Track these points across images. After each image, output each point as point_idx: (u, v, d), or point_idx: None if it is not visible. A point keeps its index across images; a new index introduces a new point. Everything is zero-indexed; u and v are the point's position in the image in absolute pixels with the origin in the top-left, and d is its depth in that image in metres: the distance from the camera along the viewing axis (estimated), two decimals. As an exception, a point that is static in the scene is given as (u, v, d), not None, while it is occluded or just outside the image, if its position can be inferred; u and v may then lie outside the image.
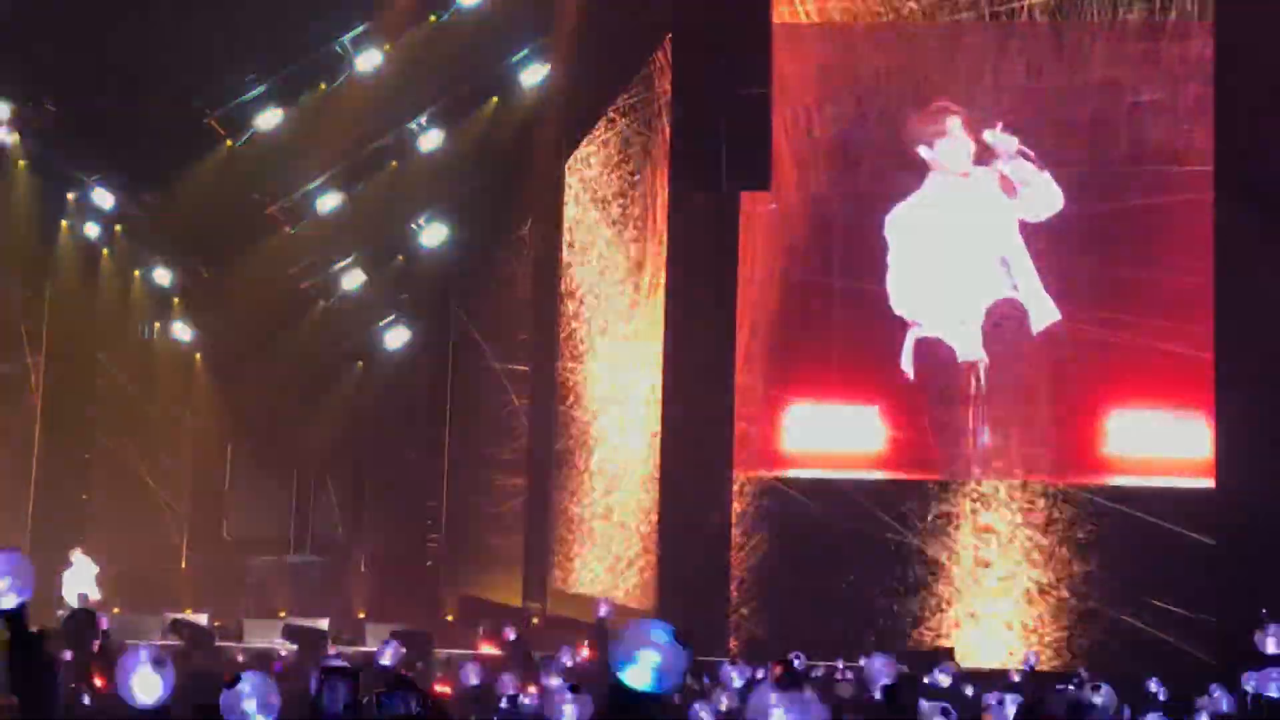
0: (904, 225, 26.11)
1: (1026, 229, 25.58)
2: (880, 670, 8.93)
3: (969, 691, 15.20)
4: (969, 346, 25.68)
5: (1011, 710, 9.76)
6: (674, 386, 25.41)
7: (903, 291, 25.98)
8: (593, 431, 26.57)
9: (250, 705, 5.73)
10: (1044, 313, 25.39)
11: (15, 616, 4.96)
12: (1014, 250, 25.76)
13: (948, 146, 25.94)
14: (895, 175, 26.02)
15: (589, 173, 26.86)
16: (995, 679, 18.14)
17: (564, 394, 26.79)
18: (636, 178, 26.54)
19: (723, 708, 11.04)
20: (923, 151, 25.85)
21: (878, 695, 8.82)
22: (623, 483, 26.19)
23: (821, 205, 26.08)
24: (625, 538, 26.03)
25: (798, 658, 17.03)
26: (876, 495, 24.99)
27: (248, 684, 5.76)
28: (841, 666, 18.83)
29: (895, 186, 26.00)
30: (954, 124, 25.90)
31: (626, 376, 26.40)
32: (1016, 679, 18.48)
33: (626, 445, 26.24)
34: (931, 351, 25.70)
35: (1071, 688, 11.61)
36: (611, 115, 26.80)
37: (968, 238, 25.97)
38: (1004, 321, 25.67)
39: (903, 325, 25.61)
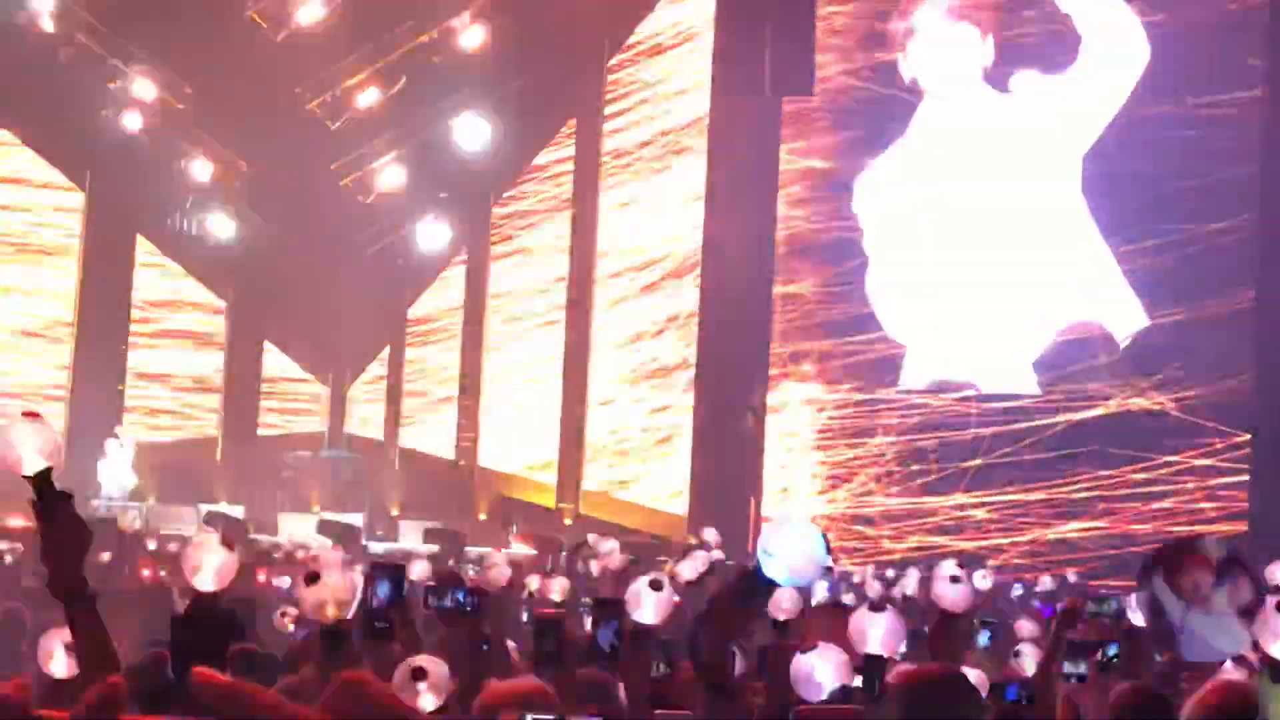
0: (880, 193, 24.09)
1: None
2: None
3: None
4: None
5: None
6: (713, 293, 25.39)
7: (891, 304, 24.01)
8: (629, 329, 26.54)
9: None
10: (1128, 320, 23.23)
11: (42, 480, 4.87)
12: (1074, 220, 23.03)
13: (924, 47, 23.75)
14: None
15: (631, 72, 26.71)
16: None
17: (600, 295, 26.77)
18: (678, 78, 26.37)
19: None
20: (902, 68, 23.85)
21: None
22: (656, 386, 26.19)
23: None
24: (657, 439, 26.07)
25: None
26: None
27: None
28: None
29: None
30: (927, 9, 23.97)
31: (664, 281, 26.34)
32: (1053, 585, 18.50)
33: (659, 349, 26.22)
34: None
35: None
36: (655, 15, 26.61)
37: (991, 204, 23.35)
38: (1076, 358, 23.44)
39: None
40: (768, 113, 25.37)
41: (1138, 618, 7.31)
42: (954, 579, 7.57)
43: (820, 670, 6.29)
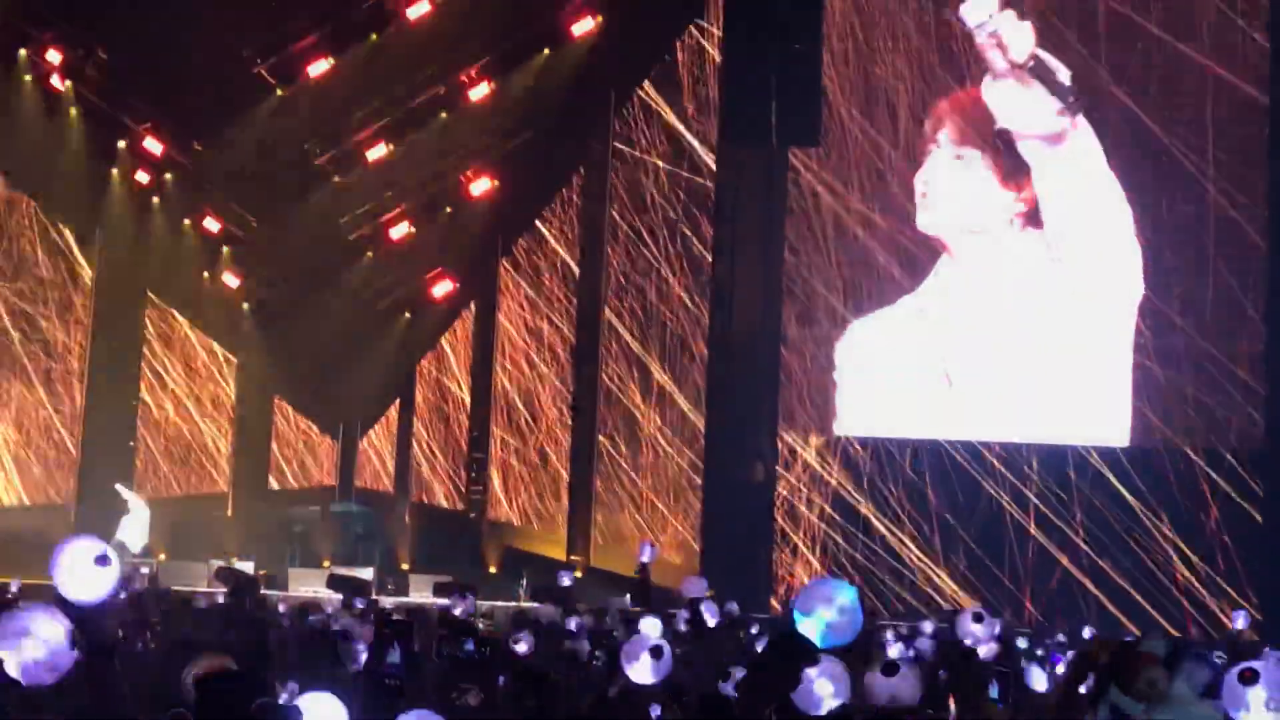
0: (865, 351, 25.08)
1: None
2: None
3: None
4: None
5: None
6: (720, 342, 25.43)
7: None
8: (636, 384, 26.57)
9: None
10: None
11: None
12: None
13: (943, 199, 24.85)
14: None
15: (637, 126, 26.79)
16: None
17: (607, 348, 26.80)
18: (685, 131, 26.46)
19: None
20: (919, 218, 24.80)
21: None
22: (668, 437, 26.20)
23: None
24: (669, 492, 26.06)
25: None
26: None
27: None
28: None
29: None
30: (944, 138, 24.84)
31: (671, 331, 26.38)
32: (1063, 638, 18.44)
33: (671, 399, 26.23)
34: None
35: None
36: (661, 68, 26.71)
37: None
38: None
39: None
40: (775, 164, 25.44)
41: None
42: (977, 616, 7.64)
43: (820, 685, 6.27)
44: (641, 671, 6.58)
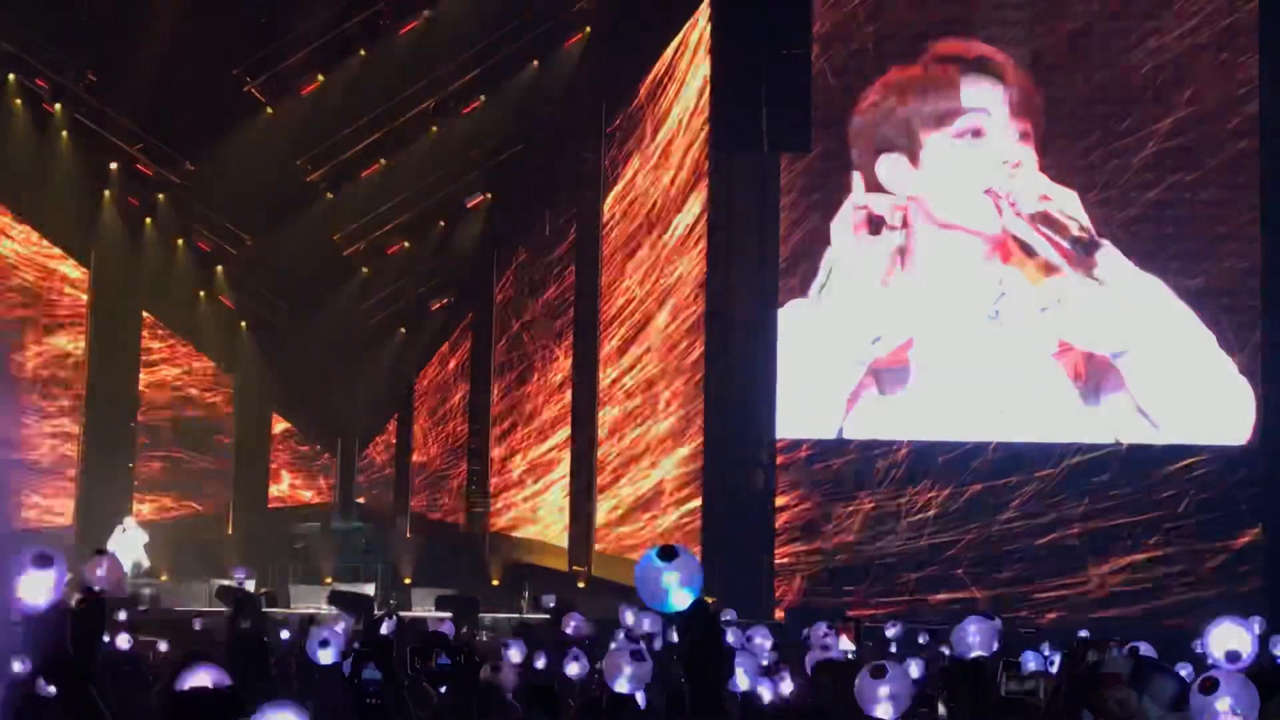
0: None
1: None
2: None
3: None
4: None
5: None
6: (716, 349, 25.37)
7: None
8: (634, 395, 26.52)
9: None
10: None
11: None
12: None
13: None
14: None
15: (630, 135, 26.77)
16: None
17: (605, 358, 26.78)
18: (677, 140, 26.43)
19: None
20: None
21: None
22: (665, 445, 26.15)
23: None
24: (668, 500, 26.01)
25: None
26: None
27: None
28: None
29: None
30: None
31: (669, 337, 26.36)
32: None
33: (669, 409, 26.19)
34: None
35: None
36: (652, 77, 26.69)
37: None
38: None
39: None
40: (767, 168, 25.42)
41: None
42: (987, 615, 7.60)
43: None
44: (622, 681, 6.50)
